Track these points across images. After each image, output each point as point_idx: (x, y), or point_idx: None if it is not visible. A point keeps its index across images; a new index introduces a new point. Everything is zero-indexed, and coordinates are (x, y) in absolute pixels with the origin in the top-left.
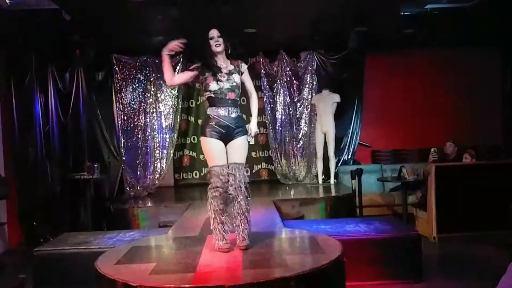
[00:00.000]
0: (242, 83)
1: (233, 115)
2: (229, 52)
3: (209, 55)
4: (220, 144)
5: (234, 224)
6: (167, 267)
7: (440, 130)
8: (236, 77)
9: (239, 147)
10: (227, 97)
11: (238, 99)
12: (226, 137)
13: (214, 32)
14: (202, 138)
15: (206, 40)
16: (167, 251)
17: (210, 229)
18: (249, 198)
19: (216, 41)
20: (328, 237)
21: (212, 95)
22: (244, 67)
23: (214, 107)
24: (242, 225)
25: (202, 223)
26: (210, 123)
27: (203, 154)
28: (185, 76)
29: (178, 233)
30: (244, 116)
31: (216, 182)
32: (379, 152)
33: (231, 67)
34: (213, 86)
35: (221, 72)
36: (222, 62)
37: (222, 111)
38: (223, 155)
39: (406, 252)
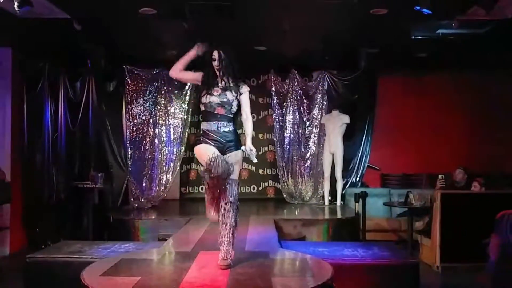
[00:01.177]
0: (240, 103)
1: (223, 129)
2: (232, 74)
3: (211, 72)
4: (213, 148)
5: (218, 240)
6: (150, 282)
7: (452, 155)
8: (229, 94)
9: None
10: (215, 112)
11: (231, 115)
12: (218, 149)
13: (215, 55)
14: (195, 148)
15: (209, 58)
16: (155, 265)
17: (203, 246)
18: (235, 214)
19: (217, 64)
20: (320, 260)
21: (203, 108)
22: (244, 89)
23: (205, 121)
24: (227, 242)
25: (197, 238)
26: (202, 136)
27: None
28: (186, 58)
29: (170, 248)
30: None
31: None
32: (389, 175)
33: (229, 84)
34: (204, 98)
35: (217, 86)
36: (224, 77)
37: (211, 126)
38: (215, 150)
39: (403, 280)
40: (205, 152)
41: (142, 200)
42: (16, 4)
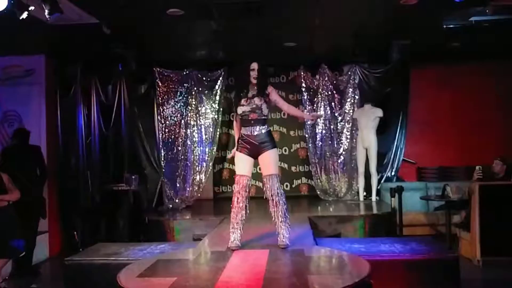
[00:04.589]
0: (274, 104)
1: (256, 132)
2: (262, 86)
3: (244, 83)
4: (247, 157)
5: (276, 226)
6: (186, 283)
7: (489, 147)
8: (257, 100)
9: (267, 160)
10: (249, 118)
11: (264, 117)
12: (253, 151)
13: (255, 66)
14: (236, 152)
15: (246, 69)
16: (190, 265)
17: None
18: (284, 203)
19: (255, 74)
20: (357, 257)
21: (240, 117)
22: (268, 89)
23: (243, 127)
24: (282, 227)
25: None
26: (239, 140)
27: None
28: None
29: (206, 247)
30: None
31: (237, 188)
32: (425, 169)
33: (255, 92)
34: (239, 110)
35: (245, 97)
36: (250, 87)
37: (247, 130)
38: (247, 167)
39: (443, 275)
40: (237, 166)
41: (177, 200)
42: (46, 11)
